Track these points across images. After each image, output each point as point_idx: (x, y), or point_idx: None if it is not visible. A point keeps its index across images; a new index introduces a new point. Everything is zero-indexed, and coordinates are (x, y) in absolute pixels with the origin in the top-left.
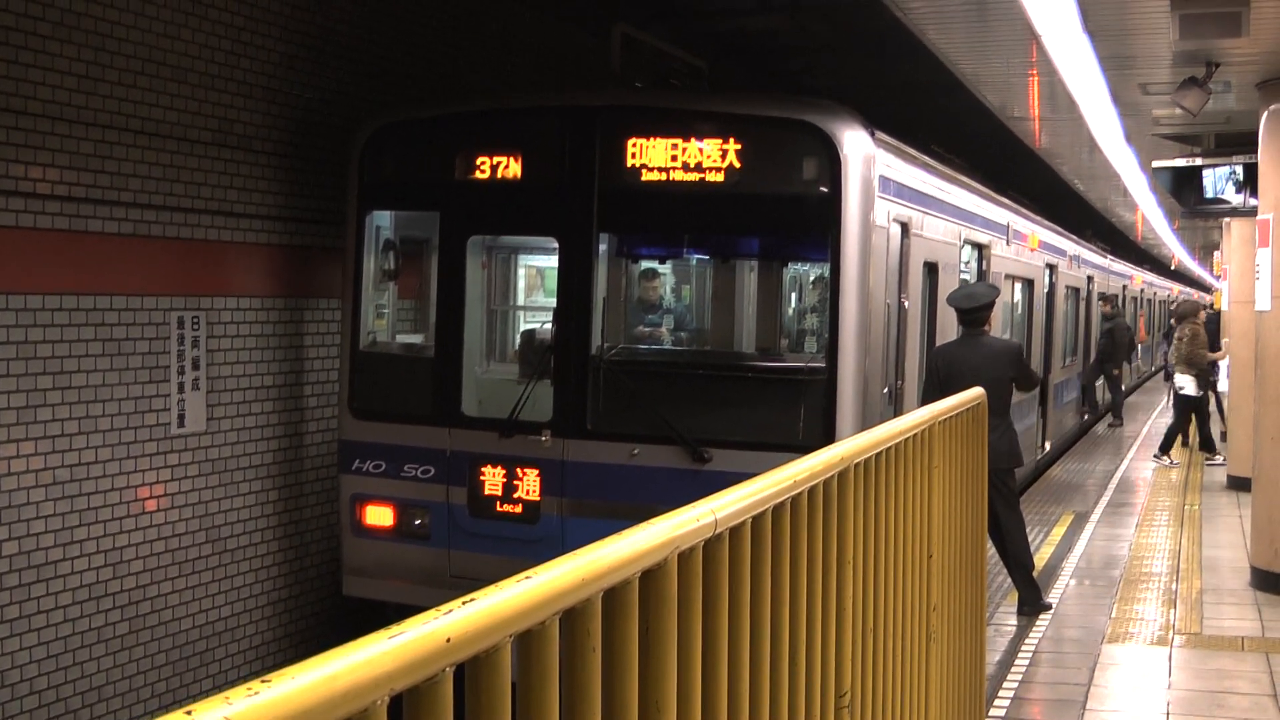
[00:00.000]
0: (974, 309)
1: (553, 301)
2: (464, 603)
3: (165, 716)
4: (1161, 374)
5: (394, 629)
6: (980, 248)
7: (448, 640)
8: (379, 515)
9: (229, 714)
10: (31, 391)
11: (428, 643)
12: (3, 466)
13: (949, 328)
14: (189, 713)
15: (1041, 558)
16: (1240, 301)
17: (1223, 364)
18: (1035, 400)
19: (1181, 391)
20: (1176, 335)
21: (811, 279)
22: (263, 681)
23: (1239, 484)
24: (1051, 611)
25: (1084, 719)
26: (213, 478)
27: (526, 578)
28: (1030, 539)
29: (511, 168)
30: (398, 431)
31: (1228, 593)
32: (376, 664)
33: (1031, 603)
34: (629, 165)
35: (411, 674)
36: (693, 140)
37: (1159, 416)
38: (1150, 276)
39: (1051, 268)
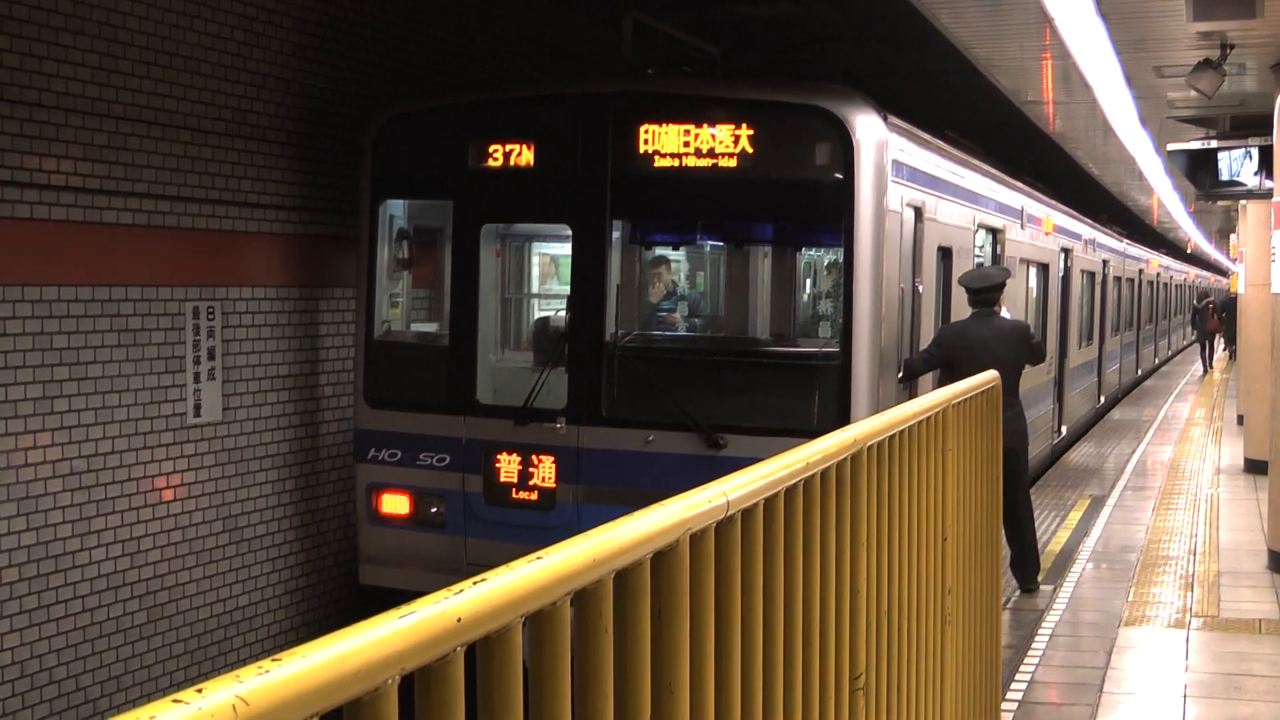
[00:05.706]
0: (986, 289)
1: (566, 289)
2: (475, 583)
3: (178, 693)
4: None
5: (405, 608)
6: (994, 232)
7: (458, 620)
8: (395, 504)
9: (240, 692)
10: (48, 382)
11: (439, 622)
12: (20, 457)
13: (962, 311)
14: (200, 690)
15: (1059, 541)
16: (1256, 284)
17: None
18: (1051, 385)
19: None
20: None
21: (825, 264)
22: (274, 660)
23: (1256, 467)
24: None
25: (1101, 702)
26: (229, 467)
27: (538, 558)
28: (1047, 523)
29: (524, 155)
30: (413, 420)
31: (1245, 576)
32: (387, 643)
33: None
34: (642, 152)
35: (422, 653)
36: (705, 126)
37: (1176, 400)
38: (1167, 260)
39: (1066, 252)
